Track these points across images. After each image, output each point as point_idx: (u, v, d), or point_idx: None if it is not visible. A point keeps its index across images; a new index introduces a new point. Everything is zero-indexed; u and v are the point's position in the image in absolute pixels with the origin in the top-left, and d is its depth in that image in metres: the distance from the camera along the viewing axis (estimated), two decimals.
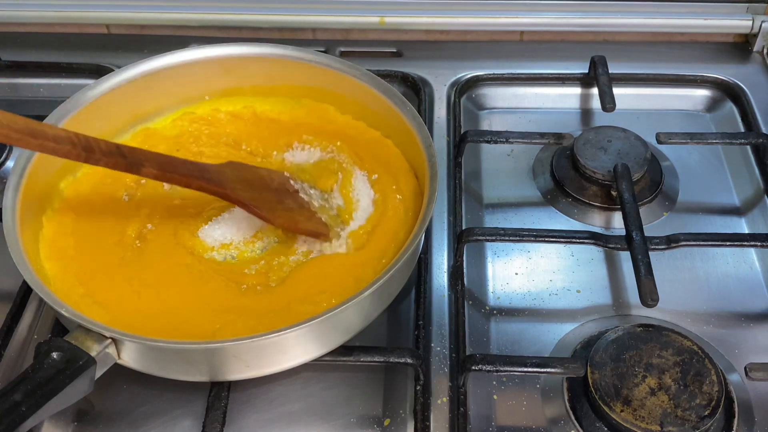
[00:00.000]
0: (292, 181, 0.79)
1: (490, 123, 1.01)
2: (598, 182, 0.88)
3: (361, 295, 0.64)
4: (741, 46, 1.09)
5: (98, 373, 0.62)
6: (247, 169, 0.78)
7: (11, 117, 0.60)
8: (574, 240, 0.80)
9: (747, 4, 1.07)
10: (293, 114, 0.88)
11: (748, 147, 0.94)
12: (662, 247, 0.78)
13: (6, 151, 0.93)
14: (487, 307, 0.79)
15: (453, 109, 0.99)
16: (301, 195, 0.79)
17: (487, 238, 0.81)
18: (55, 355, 0.60)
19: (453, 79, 1.03)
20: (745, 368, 0.68)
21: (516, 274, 0.82)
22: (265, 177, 0.78)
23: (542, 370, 0.69)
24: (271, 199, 0.76)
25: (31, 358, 0.72)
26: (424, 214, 0.70)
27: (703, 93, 1.03)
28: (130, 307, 0.70)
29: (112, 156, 0.67)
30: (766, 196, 0.88)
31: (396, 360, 0.69)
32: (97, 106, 0.81)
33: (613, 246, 0.79)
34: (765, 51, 1.07)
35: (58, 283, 0.71)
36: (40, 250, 0.74)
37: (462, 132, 0.93)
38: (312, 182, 0.82)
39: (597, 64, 1.00)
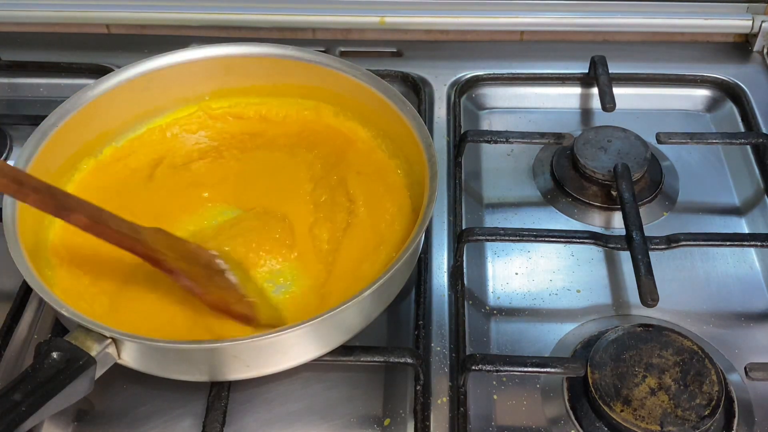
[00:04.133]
0: (218, 261, 0.73)
1: (490, 123, 1.01)
2: (598, 182, 0.88)
3: (361, 295, 0.64)
4: (741, 46, 1.09)
5: (98, 373, 0.62)
6: (176, 239, 0.72)
7: None
8: (574, 240, 0.80)
9: (747, 4, 1.07)
10: (297, 116, 0.88)
11: (748, 147, 0.94)
12: (662, 247, 0.78)
13: (6, 151, 0.93)
14: (487, 307, 0.79)
15: (453, 109, 0.98)
16: (228, 276, 0.72)
17: (487, 238, 0.81)
18: (55, 355, 0.60)
19: (453, 79, 1.03)
20: (745, 368, 0.68)
21: (516, 274, 0.82)
22: (194, 251, 0.72)
23: (542, 370, 0.69)
24: (202, 274, 0.71)
25: (31, 358, 0.72)
26: (424, 214, 0.70)
27: (703, 93, 1.03)
28: (137, 304, 0.71)
29: (40, 193, 0.64)
30: (766, 196, 0.88)
31: (396, 360, 0.69)
32: (97, 106, 0.81)
33: (613, 246, 0.79)
34: (765, 51, 1.07)
35: (65, 281, 0.72)
36: (39, 245, 0.74)
37: (462, 132, 0.93)
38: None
39: (597, 64, 1.00)
